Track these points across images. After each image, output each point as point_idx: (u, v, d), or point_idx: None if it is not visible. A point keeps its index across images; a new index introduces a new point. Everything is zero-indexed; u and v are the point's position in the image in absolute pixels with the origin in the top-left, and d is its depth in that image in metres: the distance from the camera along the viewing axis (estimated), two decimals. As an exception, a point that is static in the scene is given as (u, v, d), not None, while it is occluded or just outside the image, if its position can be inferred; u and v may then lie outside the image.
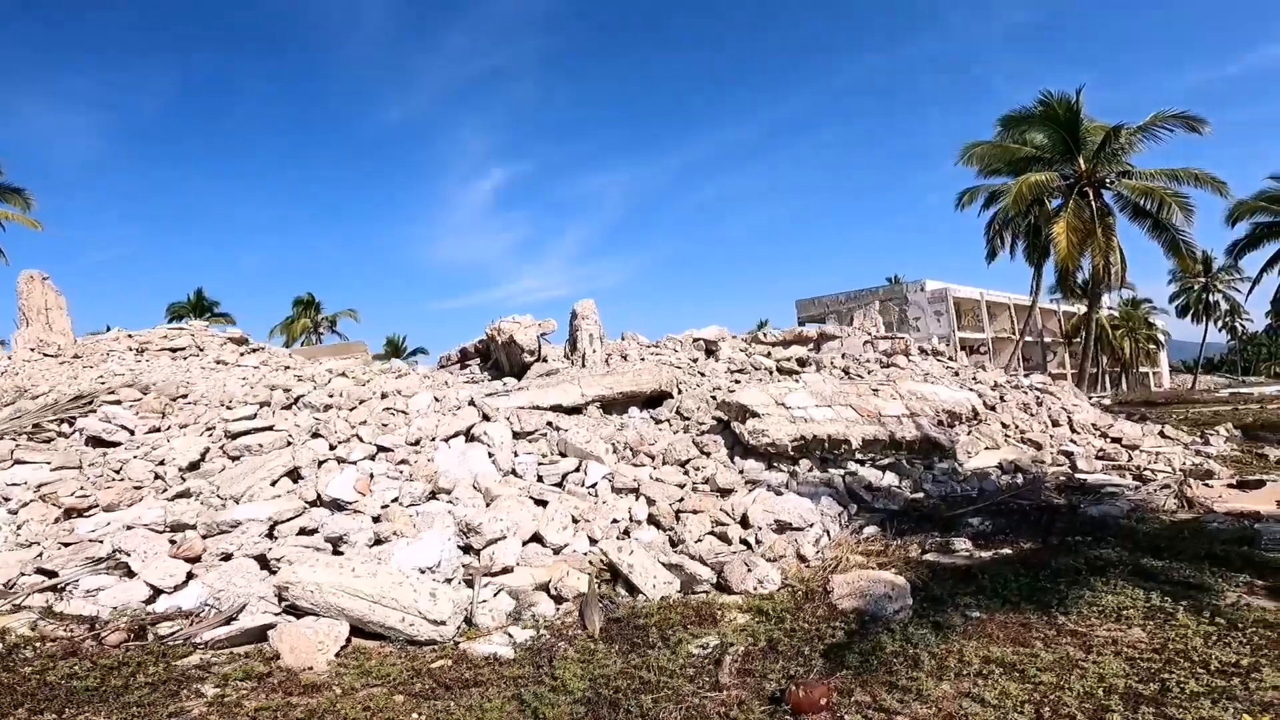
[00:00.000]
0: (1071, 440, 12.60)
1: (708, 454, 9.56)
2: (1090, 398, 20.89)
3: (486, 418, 10.00)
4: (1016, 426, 12.53)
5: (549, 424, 10.10)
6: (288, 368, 16.40)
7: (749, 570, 6.61)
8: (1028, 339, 50.33)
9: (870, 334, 20.28)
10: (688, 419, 10.70)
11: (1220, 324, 60.30)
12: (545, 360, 12.48)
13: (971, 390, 13.36)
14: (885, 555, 7.13)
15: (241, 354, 18.62)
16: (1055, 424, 13.22)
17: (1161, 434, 14.69)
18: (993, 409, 12.96)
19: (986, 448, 11.35)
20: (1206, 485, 11.09)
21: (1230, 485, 10.94)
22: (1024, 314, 52.45)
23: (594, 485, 8.71)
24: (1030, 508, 8.88)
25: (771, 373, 14.80)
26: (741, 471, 9.24)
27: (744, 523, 8.02)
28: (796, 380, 14.23)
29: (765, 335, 21.29)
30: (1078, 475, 10.48)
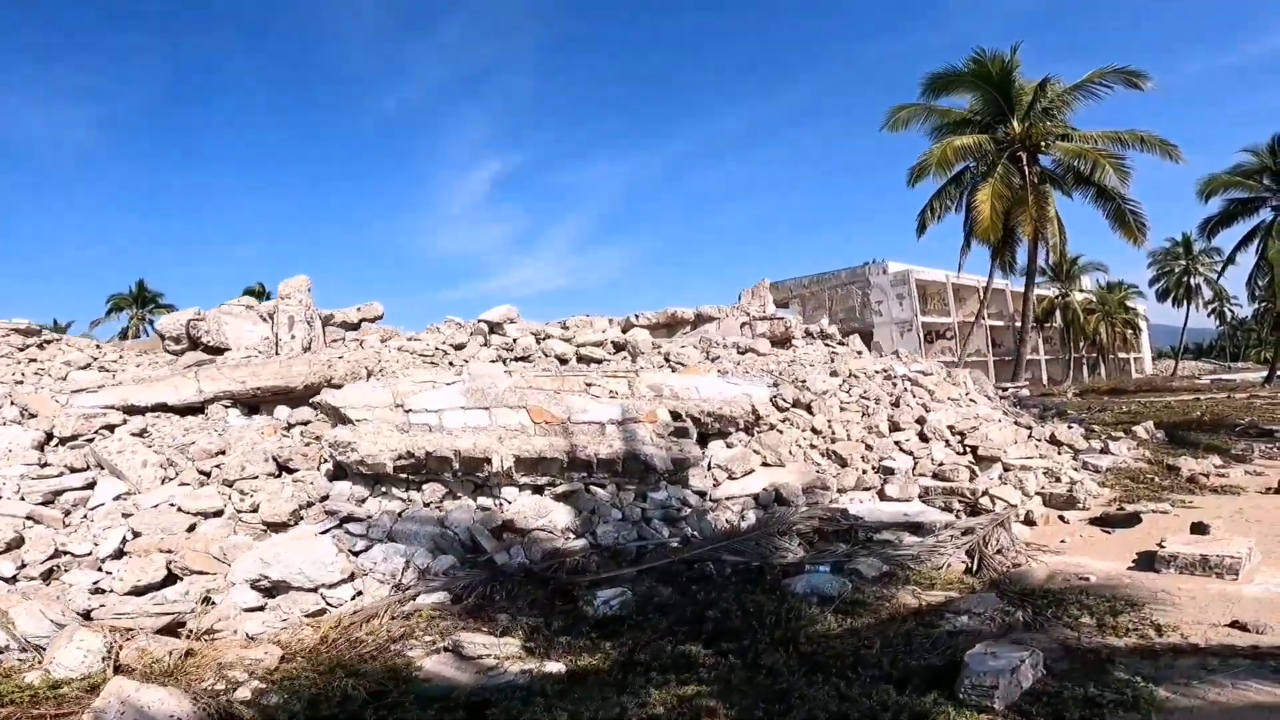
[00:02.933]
0: (909, 451, 9.22)
1: (292, 471, 6.39)
2: (1006, 388, 17.41)
3: (32, 415, 7.03)
4: (832, 433, 9.17)
5: (107, 427, 7.03)
6: (34, 359, 13.40)
7: (69, 643, 3.67)
8: (998, 323, 46.51)
9: (749, 315, 16.89)
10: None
11: (1210, 310, 56.08)
12: (207, 349, 9.28)
13: (788, 383, 10.01)
14: (349, 650, 3.94)
15: (23, 347, 15.66)
16: (896, 428, 9.82)
17: (1053, 439, 11.25)
18: (807, 408, 9.59)
19: (765, 463, 8.02)
20: (1061, 519, 7.73)
21: (1094, 519, 7.55)
22: (995, 297, 48.55)
23: (98, 507, 5.98)
24: (725, 572, 5.58)
25: (565, 362, 11.54)
26: (325, 498, 6.08)
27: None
28: (600, 372, 11.01)
29: (637, 317, 18.12)
30: (857, 511, 7.13)
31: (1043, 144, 21.20)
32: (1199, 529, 6.15)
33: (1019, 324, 48.36)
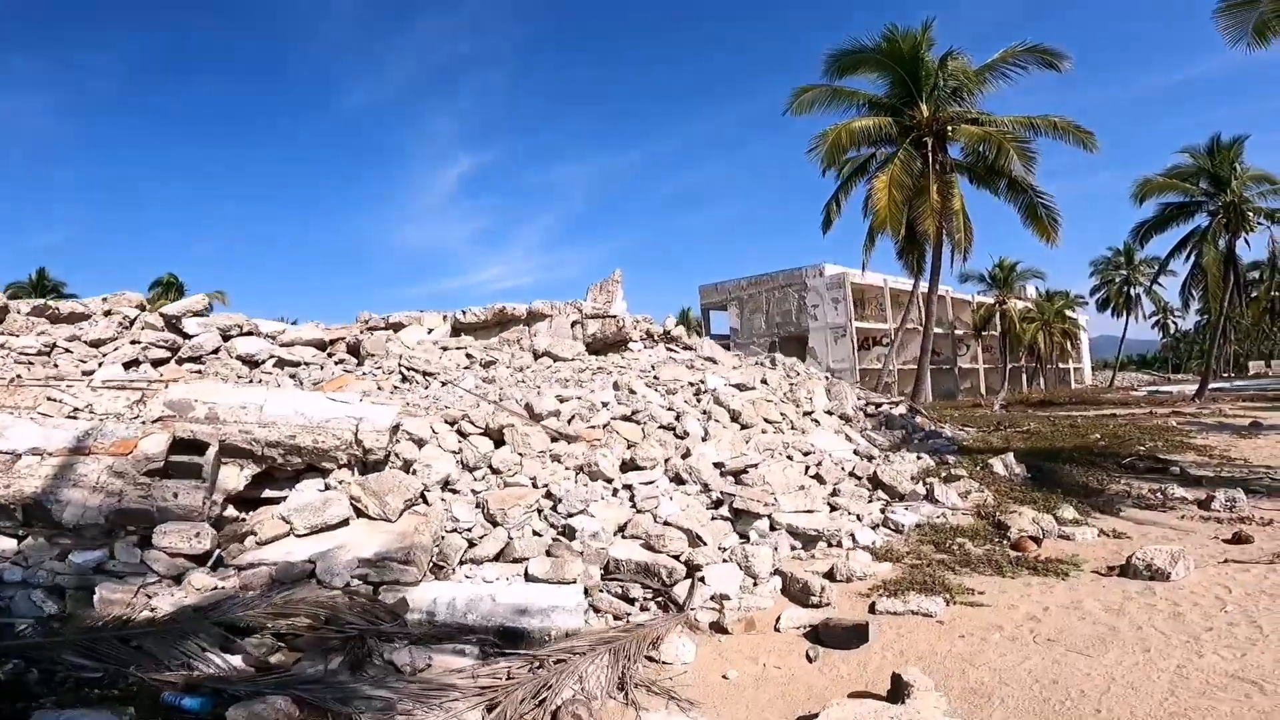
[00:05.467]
0: (634, 502, 6.52)
1: None
2: (880, 404, 14.80)
3: None
4: (517, 471, 6.46)
5: None
6: None
7: None
8: (936, 331, 44.14)
9: (580, 312, 14.17)
10: None
11: (1154, 321, 54.33)
12: None
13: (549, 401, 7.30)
14: None
15: None
16: (633, 466, 7.13)
17: (874, 479, 8.60)
18: (498, 437, 6.90)
19: (365, 515, 5.29)
20: (775, 626, 5.05)
21: (813, 629, 4.86)
22: (938, 304, 46.21)
23: None
24: (30, 679, 2.88)
25: (257, 364, 8.77)
26: None
27: None
28: (100, 381, 8.33)
29: (464, 314, 15.37)
30: (425, 601, 4.40)
31: (949, 129, 18.66)
32: (897, 690, 3.47)
33: (956, 332, 46.20)
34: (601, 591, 5.29)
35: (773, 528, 6.71)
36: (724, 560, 5.75)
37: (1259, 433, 15.41)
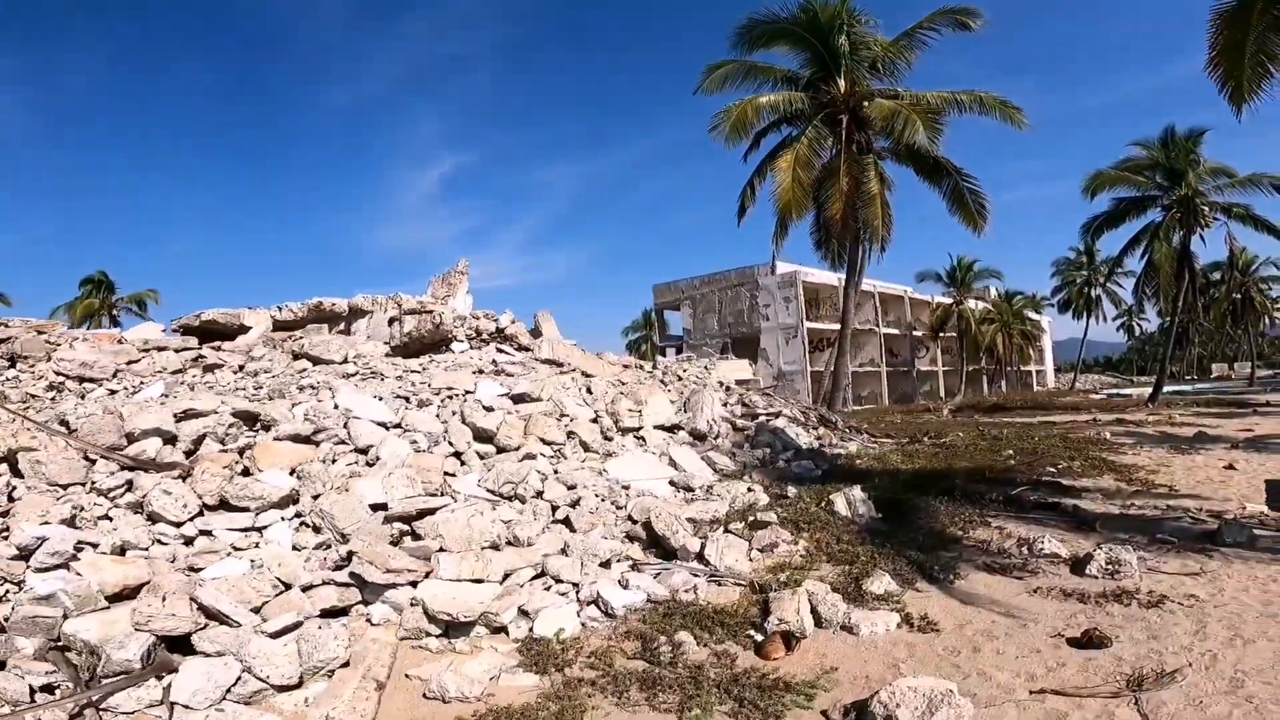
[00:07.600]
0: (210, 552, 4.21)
1: None
2: (757, 414, 12.51)
3: None
4: (33, 517, 4.15)
5: None
6: None
7: None
8: (893, 331, 41.98)
9: (400, 308, 11.85)
10: None
11: (1119, 323, 52.28)
12: None
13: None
14: None
15: None
16: (226, 506, 4.81)
17: (648, 528, 6.28)
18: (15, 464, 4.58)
19: None
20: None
21: None
22: (896, 304, 43.99)
23: None
24: None
25: None
26: None
27: None
28: None
29: (280, 310, 13.09)
30: None
31: (865, 103, 16.38)
32: None
33: (915, 333, 44.01)
34: (20, 675, 3.04)
35: (414, 602, 4.44)
36: (224, 653, 3.44)
37: (1201, 446, 13.26)
